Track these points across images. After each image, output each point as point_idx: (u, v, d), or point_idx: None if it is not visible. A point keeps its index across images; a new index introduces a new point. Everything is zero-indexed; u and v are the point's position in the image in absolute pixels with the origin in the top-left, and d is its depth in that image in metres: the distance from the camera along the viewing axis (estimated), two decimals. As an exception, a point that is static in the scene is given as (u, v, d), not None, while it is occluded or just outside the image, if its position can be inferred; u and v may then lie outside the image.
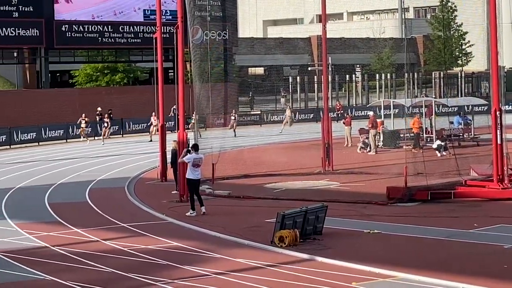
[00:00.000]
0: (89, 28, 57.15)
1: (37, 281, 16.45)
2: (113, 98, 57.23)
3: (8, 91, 62.30)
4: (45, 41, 55.19)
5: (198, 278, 16.46)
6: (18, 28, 54.02)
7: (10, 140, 47.23)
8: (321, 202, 21.97)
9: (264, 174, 32.01)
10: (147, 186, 31.06)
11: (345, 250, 18.83)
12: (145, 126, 51.66)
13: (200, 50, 33.39)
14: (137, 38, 58.18)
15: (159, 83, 31.39)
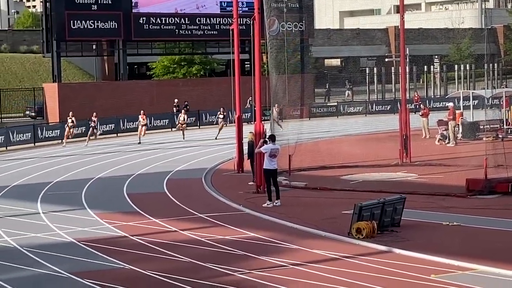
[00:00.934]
0: (166, 20, 57.44)
1: (117, 270, 16.92)
2: (190, 90, 58.03)
3: (87, 83, 62.99)
4: (123, 33, 55.74)
5: (275, 268, 16.66)
6: (97, 21, 54.43)
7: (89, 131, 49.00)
8: (399, 194, 22.11)
9: (340, 166, 32.06)
10: (223, 177, 31.37)
11: (424, 242, 18.76)
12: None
13: (277, 41, 33.82)
14: (214, 30, 58.41)
15: (235, 74, 31.49)
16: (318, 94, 66.01)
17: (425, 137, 41.46)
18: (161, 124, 52.85)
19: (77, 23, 53.56)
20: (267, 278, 16.01)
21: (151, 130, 52.47)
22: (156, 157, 38.65)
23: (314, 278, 15.80)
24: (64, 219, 23.31)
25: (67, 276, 16.57)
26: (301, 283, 15.51)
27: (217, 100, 53.18)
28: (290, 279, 15.79)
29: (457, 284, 15.06)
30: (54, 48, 53.74)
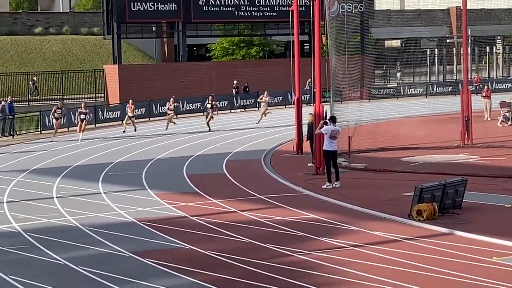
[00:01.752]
0: (225, 2, 57.94)
1: (177, 250, 17.34)
2: (249, 71, 58.49)
3: (147, 65, 64.10)
4: (183, 15, 56.13)
5: (335, 250, 16.79)
6: (157, 3, 55.05)
7: (149, 113, 48.69)
8: (460, 176, 22.24)
9: (400, 148, 32.30)
10: (283, 158, 31.73)
11: (486, 224, 18.80)
12: (281, 99, 52.13)
13: (336, 22, 33.83)
14: (273, 12, 58.56)
15: (295, 56, 31.88)
16: (378, 75, 65.64)
17: (487, 119, 41.19)
18: (221, 105, 52.59)
19: (137, 5, 54.19)
20: (327, 259, 16.11)
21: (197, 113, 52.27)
22: (214, 139, 38.96)
23: (374, 260, 15.90)
24: (125, 199, 23.90)
25: (128, 256, 16.88)
26: (361, 265, 15.64)
27: (276, 81, 53.82)
28: (350, 260, 15.86)
29: None
30: (115, 30, 54.26)
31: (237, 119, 48.49)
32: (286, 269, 15.70)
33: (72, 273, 15.53)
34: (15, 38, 68.37)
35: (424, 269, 15.35)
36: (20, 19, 72.66)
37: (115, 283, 14.74)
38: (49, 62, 65.89)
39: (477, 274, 14.75)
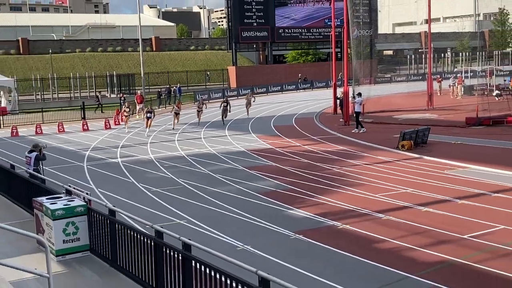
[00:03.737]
0: (294, 30, 69.46)
1: (268, 166, 20.11)
2: (307, 69, 69.38)
3: (251, 66, 74.73)
4: (270, 38, 67.72)
5: (354, 166, 19.56)
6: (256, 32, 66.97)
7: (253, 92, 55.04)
8: (426, 125, 24.98)
9: (392, 110, 35.89)
10: (326, 116, 35.54)
11: (441, 152, 21.12)
12: (324, 84, 61.88)
13: (356, 41, 39.09)
14: (321, 35, 69.67)
15: (332, 60, 37.62)
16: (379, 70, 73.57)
17: (456, 97, 45.50)
18: (290, 88, 63.01)
19: (245, 33, 65.46)
20: (351, 171, 18.69)
21: (285, 92, 60.87)
22: (287, 107, 44.04)
23: (377, 171, 18.40)
24: (239, 138, 27.17)
25: (241, 169, 19.74)
26: (370, 174, 18.04)
27: (322, 75, 63.10)
28: (363, 172, 18.46)
29: (459, 176, 17.42)
30: (233, 47, 65.48)
31: (300, 96, 53.87)
32: (328, 176, 17.87)
33: (213, 178, 18.37)
34: (179, 53, 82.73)
35: (405, 176, 17.53)
36: (182, 41, 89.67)
37: (235, 183, 17.45)
38: (199, 66, 77.56)
39: (436, 179, 16.91)
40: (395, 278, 9.32)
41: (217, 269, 6.56)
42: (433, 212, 13.44)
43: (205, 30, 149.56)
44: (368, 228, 12.24)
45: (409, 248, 10.89)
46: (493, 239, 11.24)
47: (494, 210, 13.42)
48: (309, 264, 10.16)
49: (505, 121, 28.18)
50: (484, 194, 14.93)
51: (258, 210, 14.12)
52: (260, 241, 11.66)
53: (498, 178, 16.75)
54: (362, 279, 9.33)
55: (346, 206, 14.19)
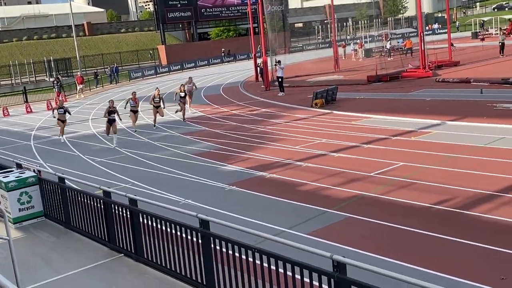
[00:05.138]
0: (215, 9, 68.93)
1: (202, 131, 20.17)
2: (230, 43, 69.02)
3: (178, 44, 73.07)
4: (194, 17, 66.84)
5: (276, 124, 20.01)
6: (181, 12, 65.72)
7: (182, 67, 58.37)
8: (334, 85, 25.70)
9: (305, 74, 36.50)
10: (249, 84, 35.58)
11: (348, 107, 21.91)
12: (246, 56, 61.24)
13: (270, 16, 39.27)
14: (239, 12, 69.18)
15: (251, 34, 37.39)
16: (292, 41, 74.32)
17: (358, 59, 46.62)
18: (216, 61, 62.99)
19: (171, 14, 64.49)
20: (274, 129, 19.07)
21: (211, 65, 60.18)
22: (215, 78, 43.80)
23: (296, 127, 18.87)
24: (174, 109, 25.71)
25: (177, 135, 19.76)
26: (290, 130, 18.40)
27: (244, 48, 62.15)
28: (284, 128, 18.88)
29: (364, 125, 18.06)
30: (161, 27, 64.54)
31: (225, 69, 53.72)
32: (254, 135, 18.21)
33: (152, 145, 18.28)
34: (111, 36, 79.75)
35: (320, 129, 18.07)
36: (113, 25, 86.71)
37: (172, 148, 17.34)
38: (131, 47, 75.76)
39: (345, 130, 17.53)
40: (316, 213, 9.68)
41: (162, 218, 6.61)
42: (344, 157, 13.98)
43: (133, 14, 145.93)
44: (291, 175, 12.56)
45: (326, 188, 11.28)
46: (395, 174, 11.85)
47: (394, 150, 14.08)
48: (242, 209, 10.40)
49: (400, 76, 29.34)
50: (386, 138, 15.62)
51: (195, 169, 14.20)
52: (198, 195, 11.76)
53: (397, 124, 17.50)
54: (288, 217, 9.64)
55: (272, 159, 14.46)
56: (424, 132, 15.98)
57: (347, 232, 8.64)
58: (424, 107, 19.72)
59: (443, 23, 68.63)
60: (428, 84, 26.00)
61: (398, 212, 9.50)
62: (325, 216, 9.59)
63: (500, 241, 7.68)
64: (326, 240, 8.28)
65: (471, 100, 20.09)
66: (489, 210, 8.99)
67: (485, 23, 65.09)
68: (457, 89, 23.40)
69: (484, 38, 50.19)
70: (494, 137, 14.00)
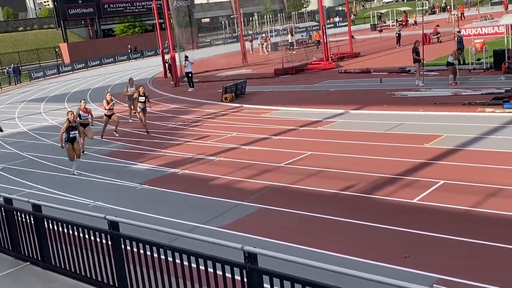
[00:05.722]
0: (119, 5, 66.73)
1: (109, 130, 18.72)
2: (136, 40, 67.20)
3: (81, 42, 70.60)
4: (97, 14, 64.86)
5: (187, 120, 19.84)
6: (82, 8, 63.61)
7: (86, 65, 56.40)
8: (243, 79, 25.84)
9: (214, 69, 36.58)
10: (158, 81, 35.04)
11: (257, 100, 22.11)
12: (153, 52, 59.41)
13: (176, 11, 38.14)
14: (144, 8, 67.95)
15: (157, 30, 36.71)
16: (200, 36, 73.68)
17: (265, 53, 46.43)
18: (122, 58, 61.24)
19: (72, 10, 62.34)
20: (185, 124, 18.90)
21: (118, 62, 58.68)
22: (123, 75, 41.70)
23: (207, 122, 18.87)
24: None
25: None
26: (201, 125, 18.37)
27: (151, 44, 59.73)
28: (195, 124, 18.75)
29: (273, 117, 18.42)
30: (62, 24, 62.10)
31: (132, 65, 52.58)
32: (165, 132, 17.97)
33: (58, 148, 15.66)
34: (8, 34, 75.83)
35: (230, 123, 18.13)
36: (9, 23, 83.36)
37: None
38: (30, 45, 71.50)
39: (255, 123, 17.75)
40: (230, 206, 9.77)
41: (69, 223, 6.35)
42: (255, 149, 14.12)
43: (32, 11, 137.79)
44: (203, 170, 12.56)
45: (239, 181, 11.39)
46: (303, 163, 12.17)
47: (302, 140, 14.41)
48: (155, 208, 10.26)
49: (305, 69, 30.05)
50: (294, 129, 15.94)
51: (105, 169, 13.83)
52: (109, 196, 11.44)
53: (304, 114, 17.87)
54: (202, 212, 9.63)
55: (183, 155, 14.35)
56: (329, 121, 16.43)
57: (260, 223, 8.76)
58: (329, 97, 20.31)
59: (344, 16, 70.68)
60: (331, 75, 26.79)
61: (308, 200, 9.73)
62: (238, 208, 9.64)
63: (402, 222, 8.14)
64: (240, 232, 8.34)
65: (372, 89, 20.94)
66: (391, 192, 9.47)
67: (383, 16, 68.24)
68: (359, 79, 24.31)
69: (382, 30, 52.65)
70: (394, 124, 14.71)
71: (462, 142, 12.01)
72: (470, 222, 7.75)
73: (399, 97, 18.40)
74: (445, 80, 19.83)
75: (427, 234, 7.51)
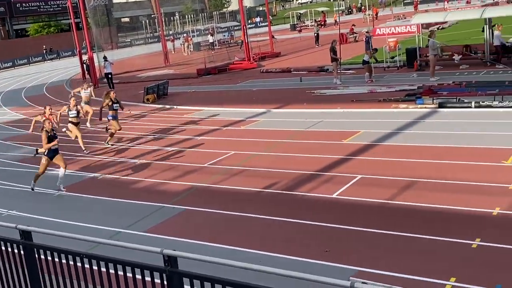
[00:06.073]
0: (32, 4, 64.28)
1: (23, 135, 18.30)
2: (52, 40, 64.68)
3: None
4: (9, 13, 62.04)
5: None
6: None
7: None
8: (165, 79, 25.66)
9: (136, 70, 36.11)
10: (76, 82, 33.34)
11: (180, 100, 21.92)
12: (71, 53, 57.80)
13: (93, 10, 37.30)
14: (59, 7, 65.90)
15: (73, 30, 35.99)
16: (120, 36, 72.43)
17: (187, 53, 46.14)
18: (37, 59, 59.13)
19: None
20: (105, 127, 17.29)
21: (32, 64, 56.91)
22: (39, 77, 41.21)
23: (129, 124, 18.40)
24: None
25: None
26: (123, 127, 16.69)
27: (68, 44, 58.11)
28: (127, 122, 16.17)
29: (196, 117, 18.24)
30: None
31: (48, 67, 50.88)
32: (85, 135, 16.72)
33: None
34: None
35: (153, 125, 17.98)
36: None
37: None
38: None
39: (177, 123, 17.49)
40: (153, 209, 9.61)
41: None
42: (178, 150, 14.03)
43: None
44: (125, 173, 12.29)
45: (162, 183, 11.24)
46: (227, 162, 12.20)
47: (226, 140, 14.47)
48: (74, 214, 9.92)
49: (227, 69, 30.14)
50: (217, 129, 15.97)
51: (19, 176, 13.24)
52: (25, 204, 10.96)
53: (226, 114, 17.95)
54: (124, 216, 9.40)
55: (104, 159, 14.02)
56: (252, 120, 16.54)
57: (184, 225, 8.69)
58: (251, 97, 20.46)
59: (264, 17, 71.46)
60: (253, 75, 27.02)
61: (232, 199, 9.77)
62: (162, 211, 9.46)
63: (322, 217, 8.34)
64: (163, 235, 8.21)
65: (293, 88, 21.31)
66: (312, 188, 9.69)
67: (302, 16, 69.69)
68: (280, 78, 24.67)
69: (301, 30, 53.75)
70: (314, 121, 15.08)
71: (378, 138, 12.47)
72: (386, 214, 8.07)
73: (318, 95, 18.85)
74: (361, 78, 20.53)
75: (346, 228, 7.72)
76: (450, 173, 9.37)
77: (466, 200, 8.09)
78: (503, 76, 18.07)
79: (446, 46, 22.18)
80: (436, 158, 10.38)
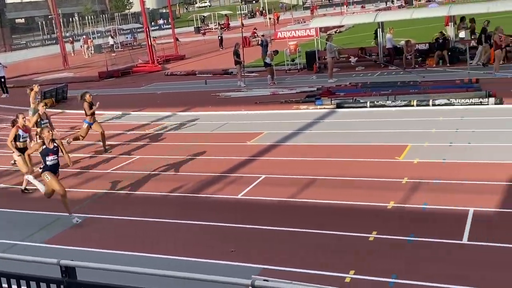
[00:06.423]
0: None
1: None
2: None
3: None
4: None
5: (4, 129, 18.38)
6: None
7: None
8: (64, 83, 24.53)
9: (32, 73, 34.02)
10: None
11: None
12: None
13: None
14: None
15: None
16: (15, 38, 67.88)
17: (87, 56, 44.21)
18: None
19: None
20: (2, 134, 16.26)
21: None
22: None
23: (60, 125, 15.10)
24: None
25: None
26: None
27: None
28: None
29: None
30: None
31: None
32: None
33: None
34: None
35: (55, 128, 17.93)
36: None
37: None
38: None
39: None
40: (53, 219, 9.20)
41: None
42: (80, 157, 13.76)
43: None
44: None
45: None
46: (132, 167, 12.12)
47: (130, 145, 14.32)
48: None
49: (131, 72, 29.51)
50: (121, 134, 15.74)
51: None
52: None
53: (131, 118, 17.75)
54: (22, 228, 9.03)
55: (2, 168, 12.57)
56: (157, 124, 16.37)
57: (87, 233, 8.39)
58: (156, 100, 20.21)
59: (168, 19, 70.74)
60: (158, 78, 26.67)
61: (138, 204, 9.62)
62: (61, 221, 9.10)
63: (227, 217, 8.44)
64: (64, 245, 7.90)
65: (198, 91, 21.31)
66: (217, 190, 9.77)
67: (206, 19, 69.78)
68: (185, 81, 24.60)
69: (206, 33, 53.86)
70: (219, 124, 15.17)
71: (280, 138, 12.80)
72: (289, 212, 8.29)
73: (223, 98, 19.00)
74: (264, 81, 20.93)
75: (251, 227, 7.85)
76: (348, 170, 9.82)
77: (363, 195, 8.52)
78: (395, 77, 19.23)
79: (343, 49, 23.25)
80: (335, 156, 10.84)
